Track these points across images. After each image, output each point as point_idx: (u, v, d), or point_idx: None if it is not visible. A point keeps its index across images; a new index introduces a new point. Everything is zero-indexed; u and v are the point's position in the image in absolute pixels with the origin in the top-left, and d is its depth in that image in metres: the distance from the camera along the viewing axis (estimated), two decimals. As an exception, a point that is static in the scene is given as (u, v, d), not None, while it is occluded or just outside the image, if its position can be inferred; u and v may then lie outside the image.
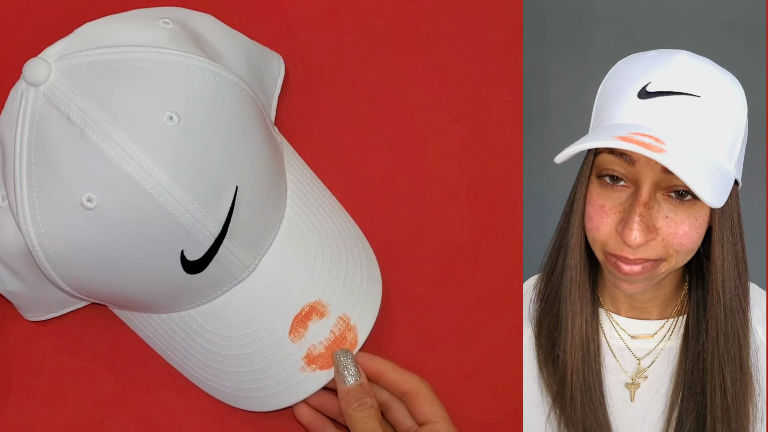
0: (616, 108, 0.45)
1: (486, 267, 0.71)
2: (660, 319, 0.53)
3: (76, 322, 0.70)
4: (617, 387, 0.53)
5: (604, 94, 0.48)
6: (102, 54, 0.59)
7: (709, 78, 0.47)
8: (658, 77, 0.45)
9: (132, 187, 0.56)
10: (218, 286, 0.63)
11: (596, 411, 0.51)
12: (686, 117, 0.45)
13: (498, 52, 0.76)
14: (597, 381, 0.52)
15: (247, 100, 0.62)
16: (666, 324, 0.53)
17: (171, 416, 0.69)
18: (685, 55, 0.48)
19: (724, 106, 0.46)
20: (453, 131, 0.74)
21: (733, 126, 0.47)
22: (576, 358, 0.51)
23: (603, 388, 0.52)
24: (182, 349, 0.65)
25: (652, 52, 0.49)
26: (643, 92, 0.45)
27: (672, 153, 0.43)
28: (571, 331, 0.51)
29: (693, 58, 0.48)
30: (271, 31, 0.76)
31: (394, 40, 0.76)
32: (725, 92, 0.47)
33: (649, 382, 0.52)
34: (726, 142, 0.47)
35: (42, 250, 0.58)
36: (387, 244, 0.71)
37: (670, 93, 0.45)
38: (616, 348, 0.53)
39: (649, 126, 0.44)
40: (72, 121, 0.57)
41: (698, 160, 0.44)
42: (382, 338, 0.69)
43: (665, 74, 0.45)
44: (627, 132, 0.43)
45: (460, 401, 0.68)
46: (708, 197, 0.44)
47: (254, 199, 0.62)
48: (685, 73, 0.46)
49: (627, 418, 0.52)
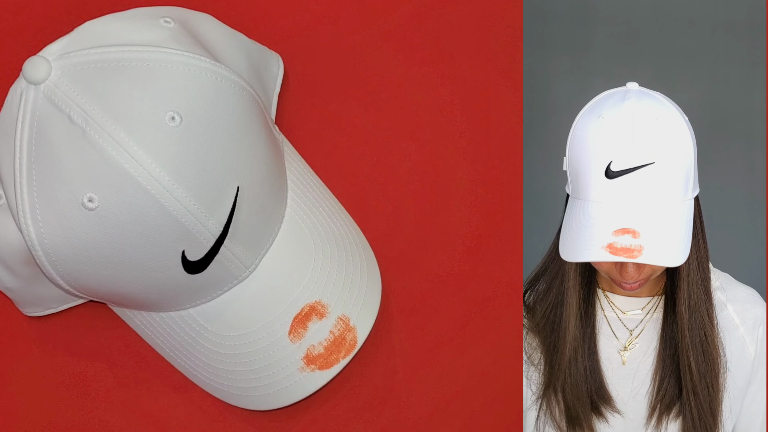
0: (589, 184, 0.56)
1: (486, 267, 0.71)
2: (648, 296, 0.61)
3: (76, 320, 0.70)
4: (611, 351, 0.60)
5: (574, 163, 0.57)
6: (103, 53, 0.58)
7: (659, 133, 0.55)
8: (618, 157, 0.55)
9: (133, 187, 0.56)
10: (218, 286, 0.63)
11: (595, 371, 0.60)
12: (648, 186, 0.55)
13: (498, 52, 0.76)
14: (594, 345, 0.60)
15: (248, 99, 0.62)
16: (653, 300, 0.61)
17: (170, 415, 0.69)
18: (634, 102, 0.56)
19: (676, 155, 0.55)
20: (453, 131, 0.74)
21: (686, 163, 0.56)
22: (576, 325, 0.59)
23: (599, 352, 0.60)
24: (182, 347, 0.65)
25: (604, 100, 0.58)
26: (609, 171, 0.55)
27: (648, 249, 0.54)
28: (571, 302, 0.59)
29: (642, 105, 0.56)
30: (271, 31, 0.76)
31: (394, 40, 0.76)
32: (674, 139, 0.56)
33: (638, 348, 0.60)
34: (684, 181, 0.56)
35: (42, 249, 0.58)
36: (387, 244, 0.71)
37: (631, 170, 0.55)
38: (611, 319, 0.61)
39: (619, 202, 0.55)
40: (73, 120, 0.57)
41: (670, 235, 0.55)
42: (382, 339, 0.69)
43: (624, 153, 0.55)
44: (611, 232, 0.55)
45: (460, 401, 0.68)
46: (683, 259, 0.54)
47: (255, 200, 0.62)
48: (639, 142, 0.55)
49: (619, 375, 0.60)
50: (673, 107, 0.57)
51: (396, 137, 0.74)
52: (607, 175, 0.55)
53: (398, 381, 0.69)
